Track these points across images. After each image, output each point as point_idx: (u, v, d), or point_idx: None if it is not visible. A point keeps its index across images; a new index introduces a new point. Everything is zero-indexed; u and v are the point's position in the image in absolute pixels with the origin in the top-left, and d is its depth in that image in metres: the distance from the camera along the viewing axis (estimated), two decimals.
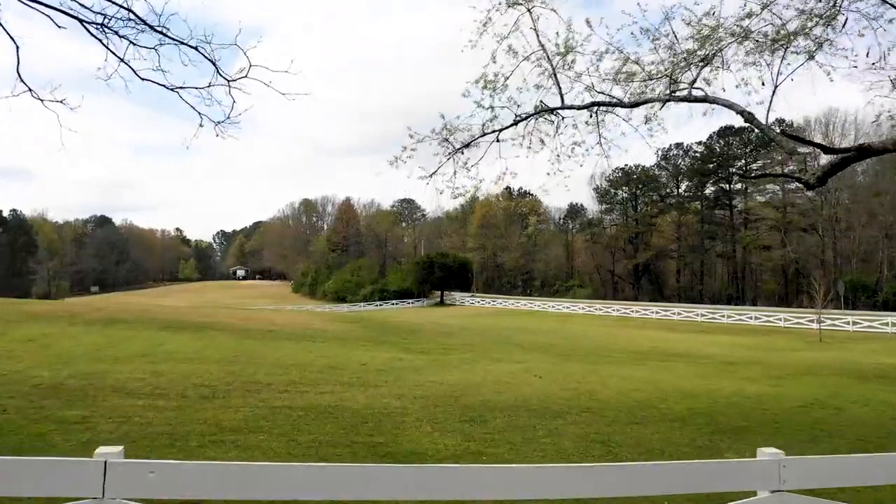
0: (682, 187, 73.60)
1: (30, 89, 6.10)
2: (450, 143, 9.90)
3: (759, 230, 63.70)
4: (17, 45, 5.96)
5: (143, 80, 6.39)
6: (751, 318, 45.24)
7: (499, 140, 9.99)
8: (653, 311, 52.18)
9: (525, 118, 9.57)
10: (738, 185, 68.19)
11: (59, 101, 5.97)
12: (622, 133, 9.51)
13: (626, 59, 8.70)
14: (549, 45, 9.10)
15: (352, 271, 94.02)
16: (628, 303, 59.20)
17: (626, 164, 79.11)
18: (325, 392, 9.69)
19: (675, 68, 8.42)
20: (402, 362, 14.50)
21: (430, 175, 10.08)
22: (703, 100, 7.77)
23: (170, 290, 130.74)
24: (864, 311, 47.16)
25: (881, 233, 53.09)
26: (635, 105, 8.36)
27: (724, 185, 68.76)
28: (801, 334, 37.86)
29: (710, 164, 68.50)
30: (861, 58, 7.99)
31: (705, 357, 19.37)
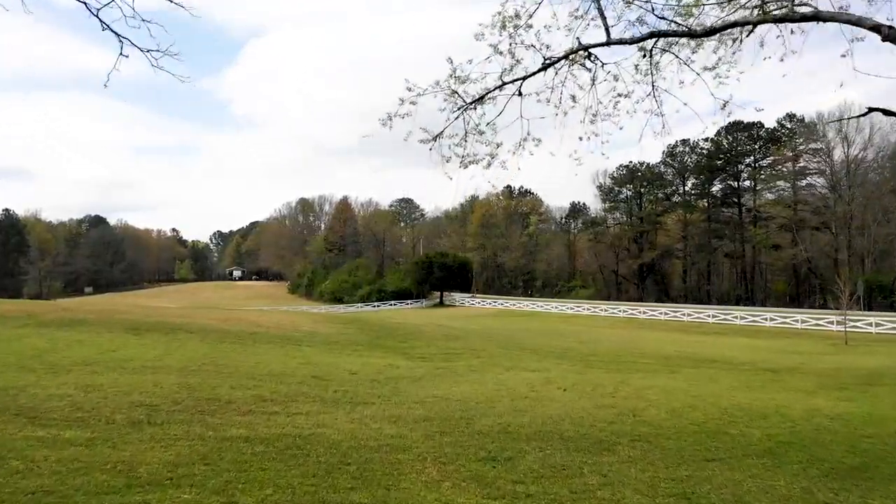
0: (689, 185, 71.52)
1: None
2: (459, 96, 7.79)
3: (769, 228, 61.62)
4: None
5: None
6: (765, 319, 43.17)
7: (521, 94, 7.88)
8: (661, 313, 50.10)
9: (555, 61, 7.45)
10: (747, 183, 66.16)
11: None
12: (680, 83, 7.38)
13: None
14: None
15: (349, 271, 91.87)
16: (634, 303, 57.11)
17: (630, 161, 77.21)
18: (299, 413, 7.56)
19: None
20: (399, 371, 12.39)
21: (434, 138, 7.97)
22: (814, 18, 5.60)
23: (164, 290, 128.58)
24: (882, 311, 45.08)
25: None
26: (710, 33, 6.23)
27: (731, 182, 66.69)
28: (823, 336, 35.76)
29: (718, 161, 66.43)
30: None
31: (741, 363, 17.27)
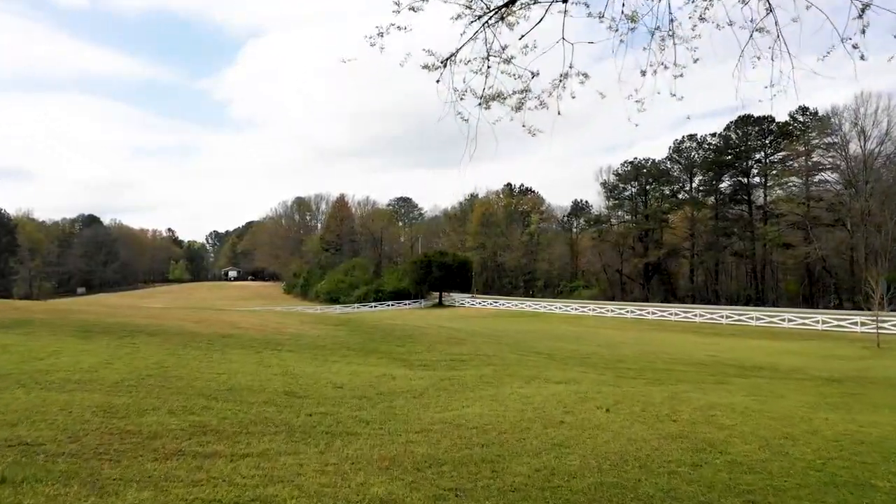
0: (696, 181, 69.28)
1: None
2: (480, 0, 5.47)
3: (781, 226, 59.45)
4: None
5: None
6: (782, 320, 40.92)
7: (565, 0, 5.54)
8: (671, 313, 47.83)
9: None
10: (757, 179, 63.95)
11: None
12: None
13: None
14: None
15: (345, 271, 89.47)
16: (642, 304, 54.85)
17: (635, 157, 74.99)
18: (248, 455, 5.22)
19: None
20: (395, 383, 10.06)
21: (444, 62, 5.66)
22: None
23: (156, 291, 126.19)
24: None
25: None
26: None
27: (741, 178, 64.44)
28: (848, 339, 33.53)
29: (727, 157, 64.20)
30: None
31: (788, 370, 14.98)
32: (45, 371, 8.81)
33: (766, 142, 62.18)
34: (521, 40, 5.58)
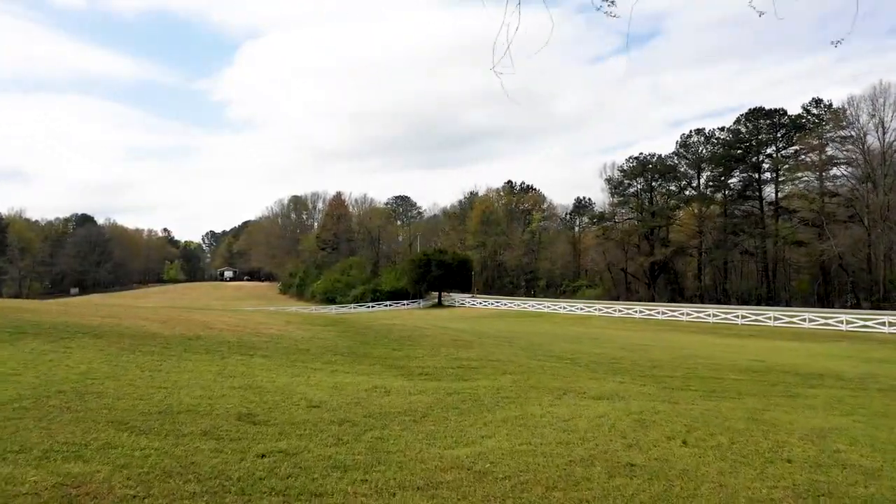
0: (704, 177, 66.98)
1: None
2: None
3: (793, 223, 57.21)
4: None
5: None
6: (802, 320, 38.63)
7: None
8: (682, 313, 45.49)
9: None
10: (768, 174, 61.66)
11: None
12: None
13: None
14: None
15: (342, 270, 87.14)
16: (652, 304, 52.56)
17: (641, 152, 72.78)
18: None
19: None
20: (389, 400, 7.74)
21: None
22: None
23: (149, 291, 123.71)
24: None
25: None
26: None
27: (751, 173, 62.14)
28: (880, 340, 31.24)
29: (737, 151, 61.92)
30: None
31: (854, 378, 12.70)
32: None
33: (778, 135, 59.90)
34: None
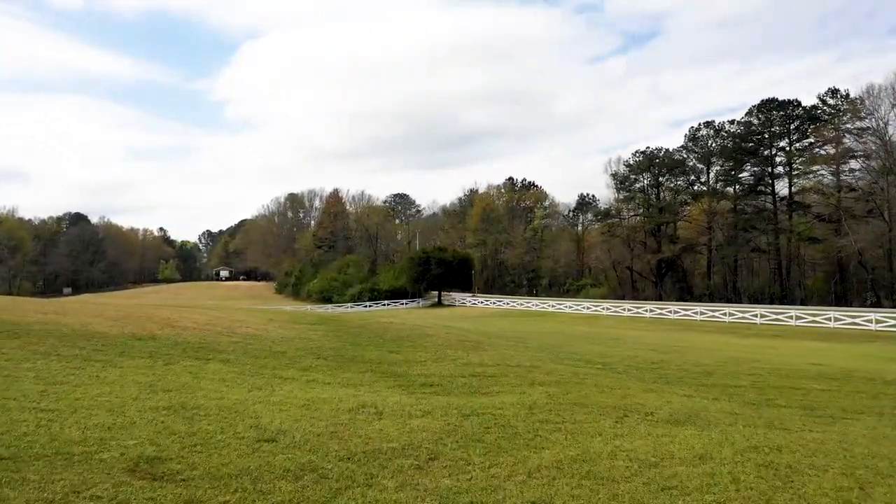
0: (713, 172, 64.59)
1: None
2: None
3: (808, 218, 54.89)
4: None
5: None
6: (828, 319, 36.30)
7: None
8: (696, 312, 43.12)
9: None
10: (781, 168, 59.28)
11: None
12: None
13: None
14: None
15: (339, 269, 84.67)
16: (662, 303, 50.22)
17: (648, 146, 70.49)
18: None
19: None
20: (381, 427, 5.31)
21: None
22: None
23: (144, 291, 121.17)
24: None
25: None
26: None
27: (764, 167, 59.72)
28: None
29: (748, 144, 59.55)
30: None
31: None
32: None
33: (792, 127, 57.49)
34: None
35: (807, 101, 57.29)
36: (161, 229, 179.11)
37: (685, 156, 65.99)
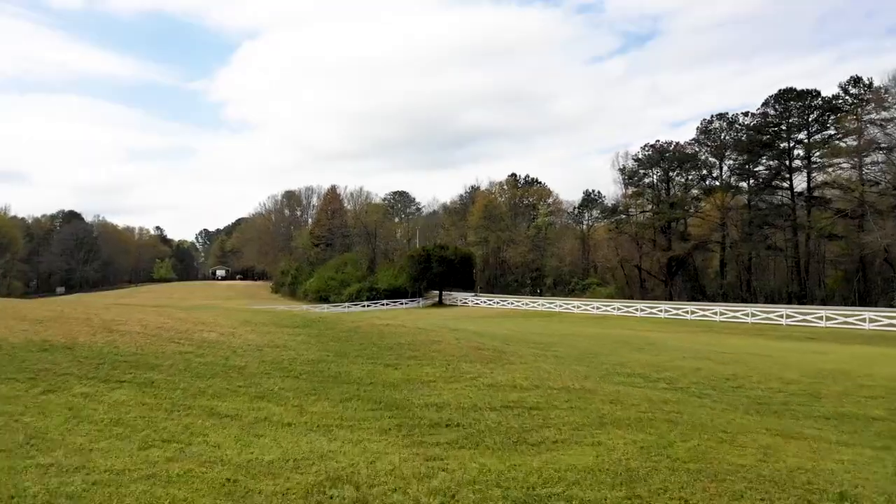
0: (726, 165, 61.87)
1: None
2: None
3: (829, 214, 52.15)
4: None
5: None
6: (863, 320, 33.56)
7: None
8: (715, 313, 40.31)
9: None
10: (798, 162, 56.54)
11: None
12: None
13: None
14: None
15: (336, 268, 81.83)
16: (679, 303, 47.45)
17: (657, 139, 67.75)
18: None
19: None
20: None
21: None
22: None
23: (138, 290, 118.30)
24: None
25: None
26: None
27: (781, 160, 56.96)
28: None
29: (764, 137, 56.80)
30: None
31: None
32: None
33: (811, 118, 54.75)
34: None
35: (826, 92, 54.52)
36: (157, 228, 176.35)
37: (697, 149, 63.26)
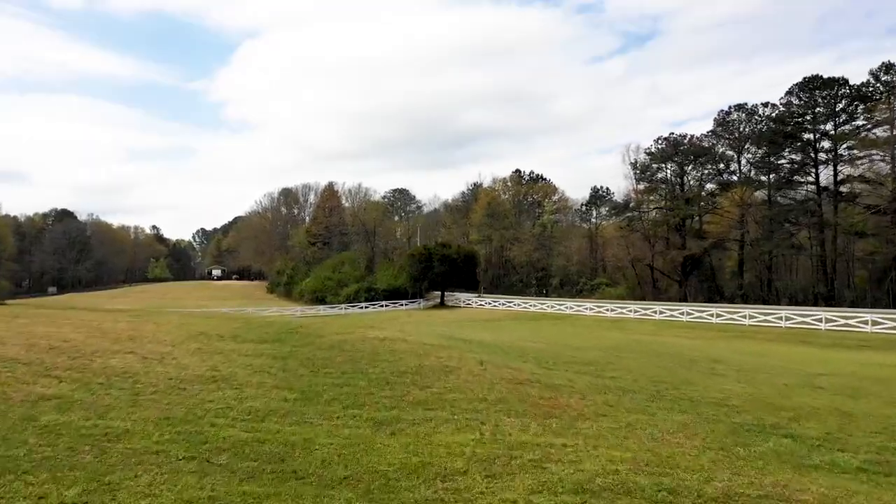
0: (746, 159, 58.47)
1: None
2: None
3: (859, 210, 48.77)
4: None
5: None
6: None
7: None
8: (745, 316, 36.94)
9: None
10: (824, 155, 53.13)
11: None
12: None
13: None
14: None
15: (333, 267, 78.49)
16: (700, 305, 44.09)
17: (672, 132, 64.40)
18: None
19: None
20: None
21: None
22: None
23: (130, 290, 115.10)
24: None
25: None
26: None
27: (806, 153, 53.54)
28: None
29: (787, 128, 53.39)
30: None
31: None
32: None
33: (838, 108, 51.34)
34: None
35: (854, 81, 51.09)
36: (154, 227, 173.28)
37: (714, 142, 59.87)
